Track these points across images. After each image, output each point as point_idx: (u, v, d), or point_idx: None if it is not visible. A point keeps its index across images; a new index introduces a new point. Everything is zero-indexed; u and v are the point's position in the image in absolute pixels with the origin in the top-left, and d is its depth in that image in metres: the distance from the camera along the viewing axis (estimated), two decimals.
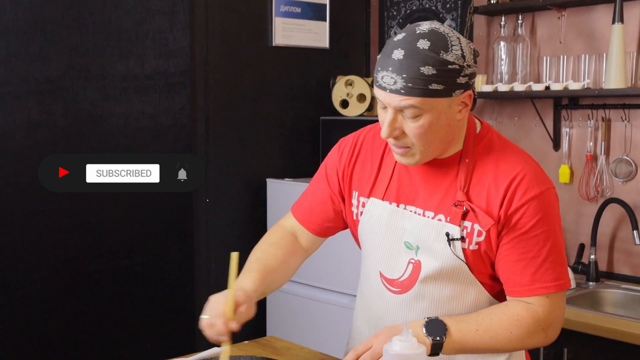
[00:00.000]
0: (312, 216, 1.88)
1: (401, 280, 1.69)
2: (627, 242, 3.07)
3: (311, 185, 1.92)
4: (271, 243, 1.86)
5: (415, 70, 1.49)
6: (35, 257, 3.07)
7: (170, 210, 3.45)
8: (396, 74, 1.50)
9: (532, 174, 1.61)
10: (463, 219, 1.61)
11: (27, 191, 3.02)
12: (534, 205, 1.58)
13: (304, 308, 3.46)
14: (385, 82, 1.52)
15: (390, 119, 1.55)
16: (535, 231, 1.58)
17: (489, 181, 1.61)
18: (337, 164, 1.84)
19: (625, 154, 3.07)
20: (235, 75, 3.56)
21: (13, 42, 2.93)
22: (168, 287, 3.47)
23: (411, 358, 1.37)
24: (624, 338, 2.46)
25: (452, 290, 1.65)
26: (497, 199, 1.59)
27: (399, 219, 1.69)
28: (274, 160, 3.73)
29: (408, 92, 1.50)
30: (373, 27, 4.02)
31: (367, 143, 1.81)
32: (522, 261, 1.58)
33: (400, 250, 1.69)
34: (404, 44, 1.51)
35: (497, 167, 1.62)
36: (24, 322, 3.04)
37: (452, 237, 1.61)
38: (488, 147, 1.66)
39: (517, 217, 1.58)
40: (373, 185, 1.75)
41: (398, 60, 1.50)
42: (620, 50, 2.90)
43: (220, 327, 1.60)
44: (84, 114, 3.13)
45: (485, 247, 1.61)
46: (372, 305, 1.78)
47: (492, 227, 1.59)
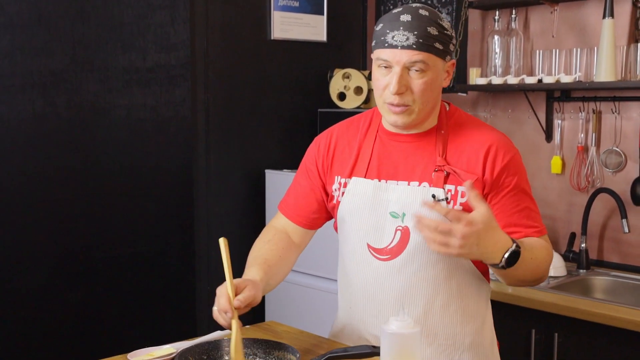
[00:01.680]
0: (299, 210, 1.99)
1: (390, 248, 1.80)
2: (616, 231, 3.14)
3: (293, 183, 2.03)
4: (267, 241, 1.97)
5: (423, 29, 1.70)
6: (40, 247, 3.12)
7: (172, 200, 3.51)
8: (408, 31, 1.70)
9: (503, 141, 1.82)
10: (445, 182, 1.76)
11: (32, 182, 3.07)
12: (512, 166, 1.79)
13: (301, 295, 3.52)
14: (397, 40, 1.70)
15: (399, 75, 1.71)
16: (519, 186, 1.79)
17: (467, 148, 1.79)
18: (315, 157, 1.96)
19: (615, 145, 3.14)
20: (235, 68, 3.61)
21: (17, 35, 2.98)
22: (169, 275, 3.52)
23: (407, 337, 1.45)
24: (612, 322, 2.53)
25: (439, 255, 1.76)
26: (479, 162, 1.77)
27: (382, 192, 1.82)
28: (272, 152, 3.78)
29: (419, 47, 1.70)
30: (370, 21, 4.06)
31: (341, 133, 1.94)
32: (514, 214, 1.77)
33: (385, 220, 1.81)
34: (408, 11, 1.73)
35: (472, 136, 1.82)
36: (29, 309, 3.09)
37: (438, 198, 1.75)
38: (459, 122, 1.86)
39: (504, 176, 1.77)
40: (354, 166, 1.88)
41: (407, 21, 1.71)
42: (611, 45, 2.96)
43: (224, 304, 1.68)
44: (87, 106, 3.18)
45: (469, 207, 1.70)
46: (359, 277, 1.87)
47: (476, 185, 1.72)
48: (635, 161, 3.08)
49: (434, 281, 1.81)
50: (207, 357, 1.78)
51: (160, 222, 3.48)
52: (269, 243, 1.95)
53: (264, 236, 2.00)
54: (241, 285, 1.73)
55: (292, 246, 1.99)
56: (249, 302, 1.71)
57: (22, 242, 3.08)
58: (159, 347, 1.92)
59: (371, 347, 1.67)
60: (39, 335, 3.13)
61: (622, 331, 2.52)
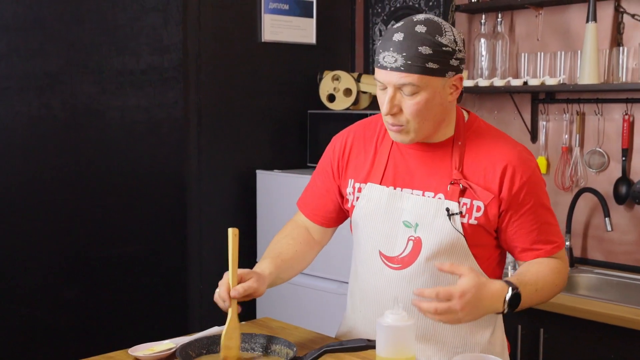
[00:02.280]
0: (316, 210, 2.02)
1: (402, 257, 1.82)
2: (600, 229, 3.21)
3: (311, 181, 2.06)
4: (285, 235, 2.00)
5: (414, 50, 1.65)
6: (36, 246, 3.16)
7: (164, 200, 3.55)
8: (396, 53, 1.66)
9: (522, 157, 1.79)
10: (461, 195, 1.77)
11: (28, 182, 3.11)
12: (532, 183, 1.77)
13: (292, 294, 3.55)
14: (387, 61, 1.68)
15: (390, 96, 1.70)
16: (538, 202, 1.79)
17: (484, 161, 1.78)
18: (331, 158, 1.98)
19: (599, 146, 3.21)
20: (226, 70, 3.65)
21: (14, 38, 3.03)
22: (162, 274, 3.55)
23: (402, 329, 1.51)
24: (596, 318, 2.60)
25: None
26: (496, 179, 1.76)
27: (397, 200, 1.83)
28: (263, 153, 3.82)
29: (407, 69, 1.66)
30: (358, 24, 4.12)
31: (358, 135, 1.95)
32: (533, 232, 1.79)
33: (398, 229, 1.82)
34: (404, 29, 1.69)
35: (490, 149, 1.80)
36: (26, 307, 3.14)
37: (452, 212, 1.76)
38: (477, 132, 1.83)
39: (522, 194, 1.76)
40: (369, 172, 1.89)
41: (398, 41, 1.67)
42: (594, 48, 3.03)
43: (223, 293, 1.73)
44: (82, 108, 3.23)
45: (484, 222, 1.77)
46: (370, 283, 1.90)
47: (492, 202, 1.75)
48: (617, 161, 3.15)
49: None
50: (206, 351, 1.82)
51: (154, 222, 3.52)
52: (287, 237, 1.98)
53: (284, 230, 2.02)
54: (246, 277, 1.76)
55: (310, 242, 2.01)
56: (248, 293, 1.74)
57: (19, 242, 3.12)
58: (159, 343, 1.97)
59: (366, 341, 1.73)
60: (35, 331, 3.17)
61: (605, 326, 2.59)
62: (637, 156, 3.11)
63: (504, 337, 1.98)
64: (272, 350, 1.82)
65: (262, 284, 1.79)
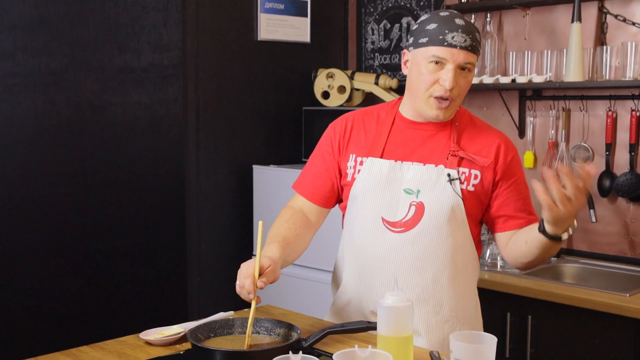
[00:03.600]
0: (315, 189, 2.11)
1: (404, 221, 1.96)
2: (585, 221, 3.30)
3: (308, 165, 2.16)
4: (285, 220, 2.08)
5: (475, 33, 1.90)
6: (40, 238, 3.21)
7: (164, 194, 3.61)
8: (465, 34, 1.87)
9: (508, 139, 2.05)
10: (459, 165, 1.95)
11: (33, 176, 3.17)
12: (517, 159, 2.02)
13: (286, 284, 3.62)
14: (457, 40, 1.86)
15: (453, 73, 1.88)
16: (521, 178, 2.01)
17: (480, 138, 1.99)
18: (332, 138, 2.10)
19: (584, 141, 3.32)
20: (224, 68, 3.73)
21: (19, 37, 3.08)
22: (162, 266, 3.62)
23: (401, 309, 1.61)
24: (581, 304, 2.71)
25: (449, 229, 1.94)
26: (492, 151, 1.97)
27: (397, 171, 1.98)
28: (259, 148, 3.89)
29: (473, 49, 1.89)
30: (351, 23, 4.20)
31: (357, 118, 2.10)
32: (520, 200, 1.99)
33: (400, 196, 1.97)
34: (458, 16, 1.90)
35: (483, 133, 2.02)
36: (29, 297, 3.19)
37: (452, 177, 1.93)
38: (471, 120, 2.05)
39: (512, 167, 1.98)
40: (371, 147, 2.03)
41: (463, 25, 1.88)
42: (578, 47, 3.13)
43: (249, 286, 1.81)
44: (85, 104, 3.29)
45: (480, 190, 1.95)
46: (372, 250, 2.00)
47: (489, 170, 1.94)
48: (601, 156, 3.26)
49: (444, 255, 1.96)
50: (214, 334, 1.90)
51: (154, 215, 3.57)
52: (288, 222, 2.06)
53: (283, 215, 2.10)
54: (265, 265, 1.84)
55: (308, 225, 2.10)
56: (270, 282, 1.85)
57: (24, 234, 3.17)
58: (168, 327, 2.07)
59: (367, 323, 1.84)
60: (39, 320, 3.22)
61: (589, 312, 2.70)
62: (620, 151, 3.22)
63: (477, 298, 2.15)
64: (276, 333, 1.91)
65: (278, 269, 1.89)
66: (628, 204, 3.22)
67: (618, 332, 2.65)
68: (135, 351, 1.93)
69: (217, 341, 1.88)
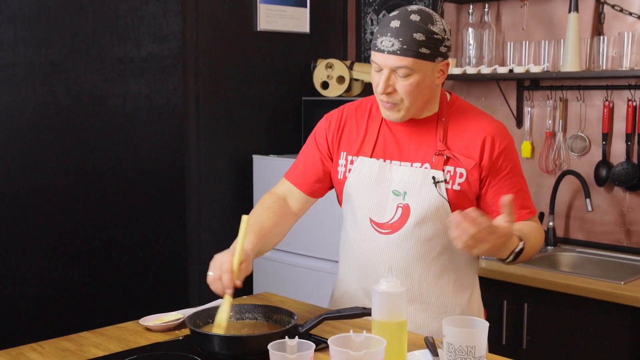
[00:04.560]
0: (305, 178, 2.14)
1: (391, 223, 1.98)
2: (581, 210, 3.35)
3: (301, 154, 2.18)
4: (265, 208, 2.09)
5: (409, 35, 1.82)
6: (41, 229, 3.24)
7: (164, 184, 3.64)
8: (394, 38, 1.82)
9: (500, 128, 1.98)
10: (445, 164, 1.94)
11: (33, 166, 3.19)
12: (508, 152, 1.95)
13: (287, 273, 3.67)
14: (384, 45, 1.84)
15: (385, 77, 1.86)
16: (512, 172, 1.96)
17: (466, 134, 1.95)
18: (326, 131, 2.12)
19: (580, 131, 3.35)
20: (224, 59, 3.75)
21: (20, 27, 3.10)
22: (163, 255, 3.66)
23: (394, 295, 1.64)
24: (575, 292, 2.75)
25: (435, 229, 1.96)
26: (477, 147, 1.93)
27: (386, 172, 1.99)
28: (259, 138, 3.92)
29: (403, 53, 1.82)
30: (350, 14, 4.22)
31: (350, 113, 2.11)
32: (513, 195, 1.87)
33: (388, 198, 1.98)
34: (399, 17, 1.85)
35: (471, 124, 1.97)
36: (31, 286, 3.23)
37: (438, 179, 1.93)
38: (459, 110, 2.01)
39: (500, 161, 1.94)
40: (361, 145, 2.04)
41: (395, 28, 1.83)
42: (575, 37, 3.15)
43: (228, 282, 1.83)
44: (85, 95, 3.31)
45: (467, 188, 1.93)
46: (362, 248, 2.04)
47: (474, 169, 1.92)
48: (598, 145, 3.29)
49: (431, 255, 1.98)
50: (212, 320, 1.92)
51: (154, 205, 3.60)
52: (267, 210, 2.07)
53: (263, 202, 2.11)
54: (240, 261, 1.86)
55: (289, 214, 2.12)
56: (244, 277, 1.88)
57: (24, 224, 3.19)
58: (167, 314, 2.11)
59: (362, 309, 1.86)
60: (41, 309, 3.25)
61: (585, 299, 2.73)
62: (616, 140, 3.25)
63: (481, 303, 2.15)
64: (274, 319, 1.94)
65: (251, 264, 1.92)
66: (624, 193, 3.25)
67: (613, 319, 2.69)
68: (135, 337, 1.96)
69: (214, 326, 1.92)
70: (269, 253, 3.56)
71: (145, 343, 1.90)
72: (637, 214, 3.22)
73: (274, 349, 1.49)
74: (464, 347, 1.51)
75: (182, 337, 1.94)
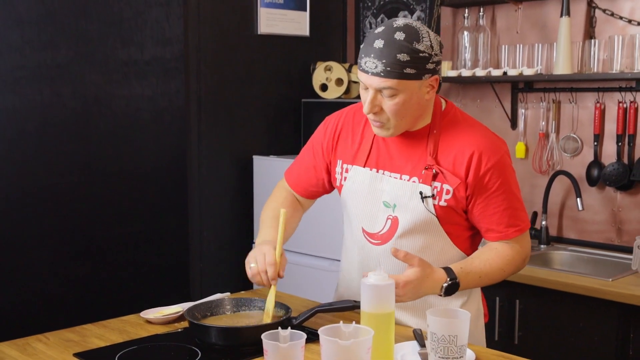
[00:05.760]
0: (299, 181, 2.21)
1: (381, 234, 2.01)
2: (574, 210, 3.40)
3: (299, 156, 2.24)
4: (282, 200, 2.19)
5: (392, 57, 1.78)
6: (48, 226, 3.31)
7: (167, 183, 3.71)
8: (377, 59, 1.79)
9: (490, 144, 1.93)
10: (433, 179, 1.94)
11: (40, 165, 3.27)
12: (497, 168, 1.91)
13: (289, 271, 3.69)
14: (368, 66, 1.81)
15: (370, 97, 1.85)
16: (501, 189, 1.92)
17: (455, 148, 1.93)
18: (322, 138, 2.16)
19: (573, 132, 3.41)
20: (225, 61, 3.82)
21: (27, 31, 3.18)
22: (165, 252, 3.73)
23: (383, 288, 1.71)
24: (564, 288, 2.81)
25: (424, 241, 1.98)
26: (463, 164, 1.91)
27: (378, 182, 2.01)
28: (260, 139, 3.99)
29: (386, 74, 1.79)
30: (349, 17, 4.29)
31: (348, 120, 2.13)
32: (496, 214, 1.93)
33: (379, 208, 2.01)
34: (384, 36, 1.81)
35: (461, 137, 1.94)
36: (38, 281, 3.30)
37: (425, 195, 1.93)
38: (452, 122, 1.98)
39: (486, 179, 1.90)
40: (355, 155, 2.07)
41: (378, 48, 1.79)
42: (567, 40, 3.22)
43: (273, 274, 1.92)
44: (90, 96, 3.38)
45: (453, 204, 1.93)
46: (355, 256, 2.11)
47: (460, 186, 1.91)
48: (590, 146, 3.35)
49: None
50: (210, 313, 2.02)
51: (157, 204, 3.67)
52: (284, 202, 2.17)
53: (277, 197, 2.20)
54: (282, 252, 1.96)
55: (298, 207, 2.21)
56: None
57: (32, 222, 3.27)
58: (167, 307, 2.19)
59: (353, 302, 1.94)
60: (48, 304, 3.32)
61: (574, 296, 2.79)
62: (607, 141, 3.31)
63: (480, 307, 2.16)
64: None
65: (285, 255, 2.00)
66: (615, 193, 3.31)
67: (601, 315, 2.75)
68: (136, 329, 2.04)
69: (212, 319, 2.00)
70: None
71: (145, 334, 1.98)
72: (627, 213, 3.28)
73: (267, 338, 1.56)
74: (447, 336, 1.59)
75: (182, 329, 2.02)
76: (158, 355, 1.85)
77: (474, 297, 2.13)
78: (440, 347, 1.60)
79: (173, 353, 1.85)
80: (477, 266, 1.93)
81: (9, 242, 3.22)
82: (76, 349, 1.87)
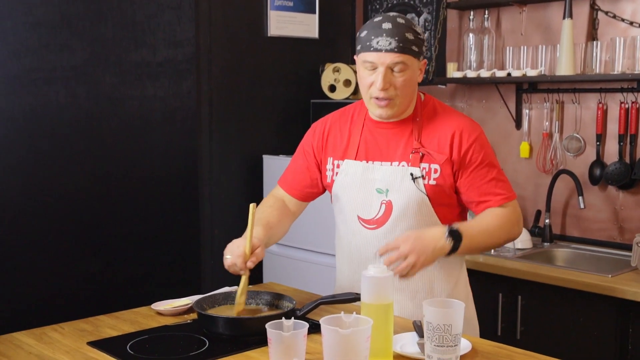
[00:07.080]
0: (295, 184, 2.33)
1: (376, 219, 2.14)
2: (577, 208, 3.45)
3: (291, 162, 2.37)
4: (269, 206, 2.30)
5: (402, 34, 2.00)
6: (62, 224, 3.38)
7: (178, 182, 3.77)
8: (390, 37, 1.99)
9: (469, 123, 2.13)
10: (421, 161, 2.09)
11: (56, 164, 3.34)
12: (477, 144, 2.10)
13: (291, 266, 3.80)
14: (381, 44, 1.99)
15: (383, 74, 2.01)
16: (484, 162, 2.09)
17: (438, 132, 2.11)
18: (312, 140, 2.29)
19: (576, 132, 3.47)
20: (235, 63, 3.90)
21: (43, 34, 3.26)
22: (177, 250, 3.79)
23: (382, 280, 1.78)
24: (565, 284, 2.87)
25: (417, 222, 2.10)
26: (447, 143, 2.08)
27: (370, 172, 2.15)
28: (269, 139, 4.06)
29: (400, 50, 2.00)
30: (358, 19, 4.36)
31: (335, 120, 2.28)
32: (483, 185, 2.09)
33: (372, 196, 2.14)
34: (388, 19, 2.02)
35: (442, 121, 2.13)
36: (55, 276, 3.37)
37: (415, 175, 2.08)
38: (432, 110, 2.17)
39: (469, 155, 2.08)
40: (345, 150, 2.20)
41: (389, 29, 2.00)
42: (570, 42, 3.28)
43: (241, 264, 2.04)
44: (104, 97, 3.46)
45: (442, 182, 2.08)
46: (351, 243, 2.21)
47: (446, 164, 2.07)
48: (593, 146, 3.41)
49: None
50: (217, 305, 2.11)
51: (169, 202, 3.73)
52: (271, 207, 2.28)
53: (267, 202, 2.32)
54: (255, 246, 2.06)
55: (288, 213, 2.31)
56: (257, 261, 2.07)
57: (47, 221, 3.33)
58: (177, 299, 2.28)
59: (354, 294, 2.02)
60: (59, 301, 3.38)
61: (575, 292, 2.85)
62: (609, 141, 3.37)
63: (468, 289, 2.29)
64: (275, 304, 2.12)
65: (263, 250, 2.11)
66: (617, 192, 3.37)
67: (601, 310, 2.81)
68: (147, 320, 2.13)
69: (219, 310, 2.09)
70: (275, 248, 3.74)
71: (156, 325, 2.07)
72: (629, 211, 3.33)
73: (271, 327, 1.65)
74: (442, 325, 1.66)
75: (191, 321, 2.11)
76: (168, 345, 1.93)
77: (462, 279, 2.26)
78: (436, 336, 1.67)
79: (182, 342, 1.94)
80: (474, 221, 2.08)
81: (28, 239, 3.30)
82: (90, 338, 1.96)
